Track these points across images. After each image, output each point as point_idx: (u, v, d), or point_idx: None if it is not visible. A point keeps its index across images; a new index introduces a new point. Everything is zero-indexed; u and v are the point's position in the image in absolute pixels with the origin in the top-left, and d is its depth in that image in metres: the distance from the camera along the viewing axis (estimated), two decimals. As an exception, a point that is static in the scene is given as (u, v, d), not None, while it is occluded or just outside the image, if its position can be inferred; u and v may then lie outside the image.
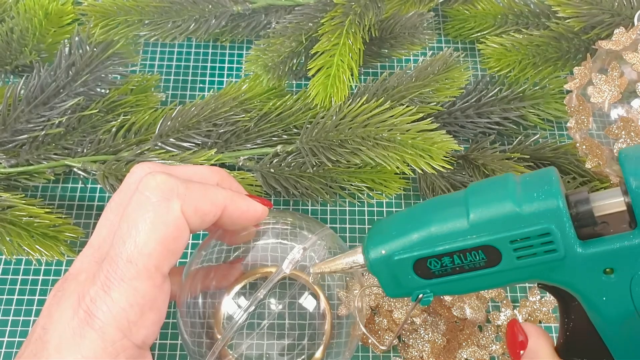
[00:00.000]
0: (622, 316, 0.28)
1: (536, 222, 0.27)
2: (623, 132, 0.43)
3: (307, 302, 0.36)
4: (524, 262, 0.28)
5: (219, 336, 0.34)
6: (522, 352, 0.32)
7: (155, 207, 0.30)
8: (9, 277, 0.45)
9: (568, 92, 0.47)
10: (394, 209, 0.49)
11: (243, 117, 0.47)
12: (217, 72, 0.55)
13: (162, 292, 0.30)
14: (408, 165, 0.42)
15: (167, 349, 0.43)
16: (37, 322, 0.31)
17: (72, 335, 0.29)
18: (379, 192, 0.49)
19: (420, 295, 0.30)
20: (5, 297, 0.44)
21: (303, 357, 0.35)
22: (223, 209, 0.32)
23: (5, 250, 0.42)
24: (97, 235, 0.33)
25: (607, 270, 0.27)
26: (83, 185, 0.49)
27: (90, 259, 0.31)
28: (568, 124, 0.46)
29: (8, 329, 0.43)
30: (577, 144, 0.46)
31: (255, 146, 0.48)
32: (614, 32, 0.45)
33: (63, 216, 0.45)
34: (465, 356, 0.43)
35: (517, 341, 0.32)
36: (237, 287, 0.36)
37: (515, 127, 0.51)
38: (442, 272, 0.29)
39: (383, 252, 0.30)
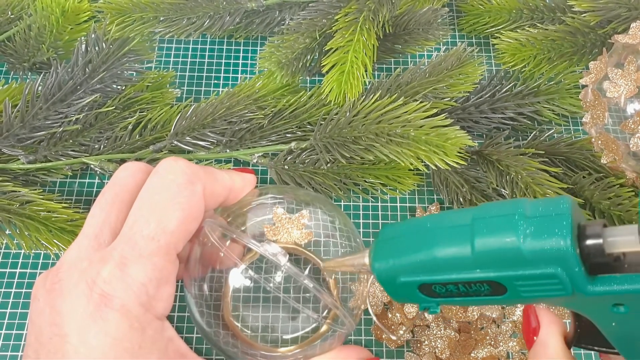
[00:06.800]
0: (632, 338, 0.28)
1: (541, 265, 0.26)
2: (639, 127, 0.42)
3: (311, 273, 0.37)
4: (530, 294, 0.27)
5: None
6: (535, 338, 0.32)
7: (182, 189, 0.32)
8: (28, 271, 0.45)
9: (583, 86, 0.46)
10: (407, 205, 0.49)
11: (257, 114, 0.47)
12: (231, 68, 0.56)
13: (175, 267, 0.32)
14: (422, 162, 0.42)
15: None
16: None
17: (93, 320, 0.28)
18: (393, 189, 0.49)
19: (427, 308, 0.30)
20: (24, 290, 0.45)
21: (307, 328, 0.36)
22: (230, 190, 0.35)
23: (24, 244, 0.43)
24: (91, 226, 0.32)
25: (617, 303, 0.26)
26: (100, 181, 0.49)
27: (87, 248, 0.31)
28: (583, 119, 0.46)
29: (27, 322, 0.44)
30: (593, 139, 0.46)
31: (270, 143, 0.48)
32: (631, 26, 0.45)
33: (80, 211, 0.45)
34: (480, 353, 0.43)
35: (531, 327, 0.32)
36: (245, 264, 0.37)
37: (529, 122, 0.51)
38: (448, 294, 0.29)
39: (388, 269, 0.29)
